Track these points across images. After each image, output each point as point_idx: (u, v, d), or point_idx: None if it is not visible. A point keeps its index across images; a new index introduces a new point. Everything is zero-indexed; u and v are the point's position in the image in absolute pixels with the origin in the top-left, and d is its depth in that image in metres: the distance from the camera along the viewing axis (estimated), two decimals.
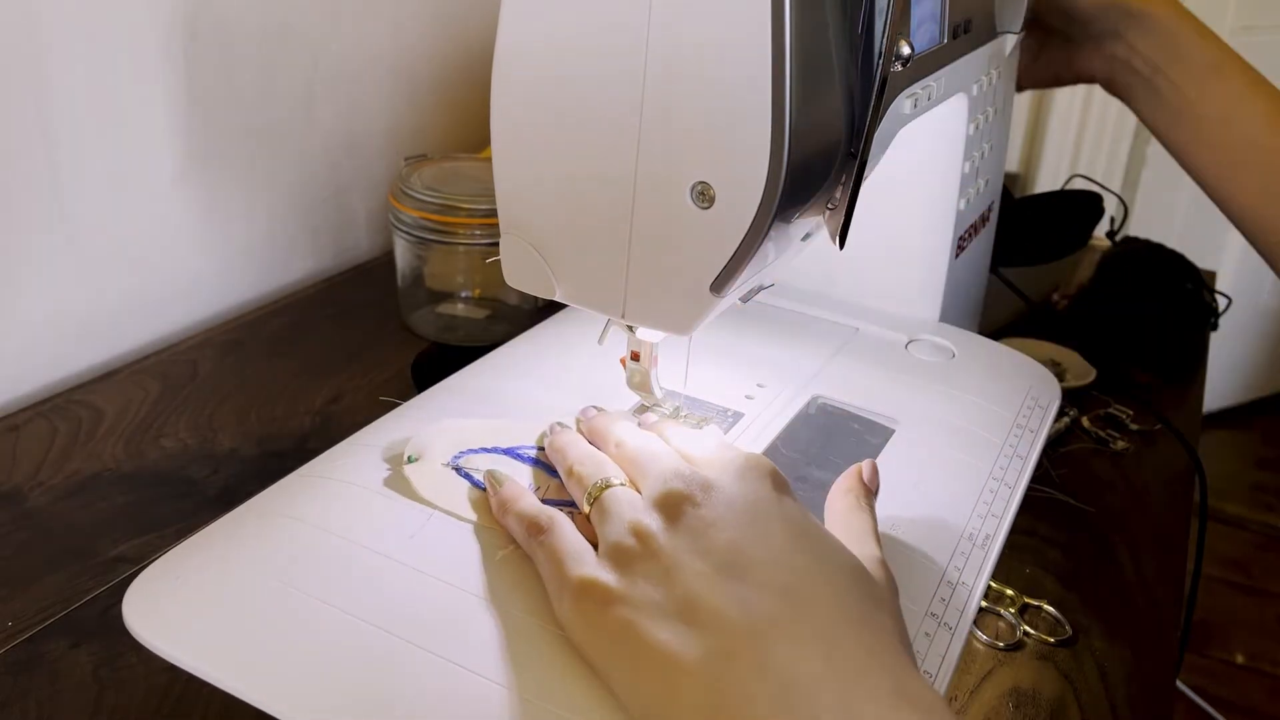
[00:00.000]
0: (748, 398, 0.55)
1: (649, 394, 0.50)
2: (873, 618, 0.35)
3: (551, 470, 0.47)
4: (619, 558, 0.37)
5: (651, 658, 0.34)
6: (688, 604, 0.35)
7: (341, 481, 0.46)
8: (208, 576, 0.41)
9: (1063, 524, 0.56)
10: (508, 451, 0.48)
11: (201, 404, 0.64)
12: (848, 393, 0.56)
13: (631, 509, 0.39)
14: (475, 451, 0.47)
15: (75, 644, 0.44)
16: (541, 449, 0.48)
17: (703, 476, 0.39)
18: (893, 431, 0.53)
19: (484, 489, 0.45)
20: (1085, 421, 0.66)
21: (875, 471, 0.44)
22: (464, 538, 0.43)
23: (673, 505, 0.38)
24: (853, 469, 0.44)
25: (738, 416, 0.53)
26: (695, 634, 0.34)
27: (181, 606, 0.40)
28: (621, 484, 0.41)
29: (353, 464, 0.48)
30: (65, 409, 0.63)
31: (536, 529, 0.40)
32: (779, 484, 0.40)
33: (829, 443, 0.52)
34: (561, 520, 0.40)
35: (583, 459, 0.44)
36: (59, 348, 0.68)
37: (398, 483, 0.45)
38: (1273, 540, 1.86)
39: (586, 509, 0.41)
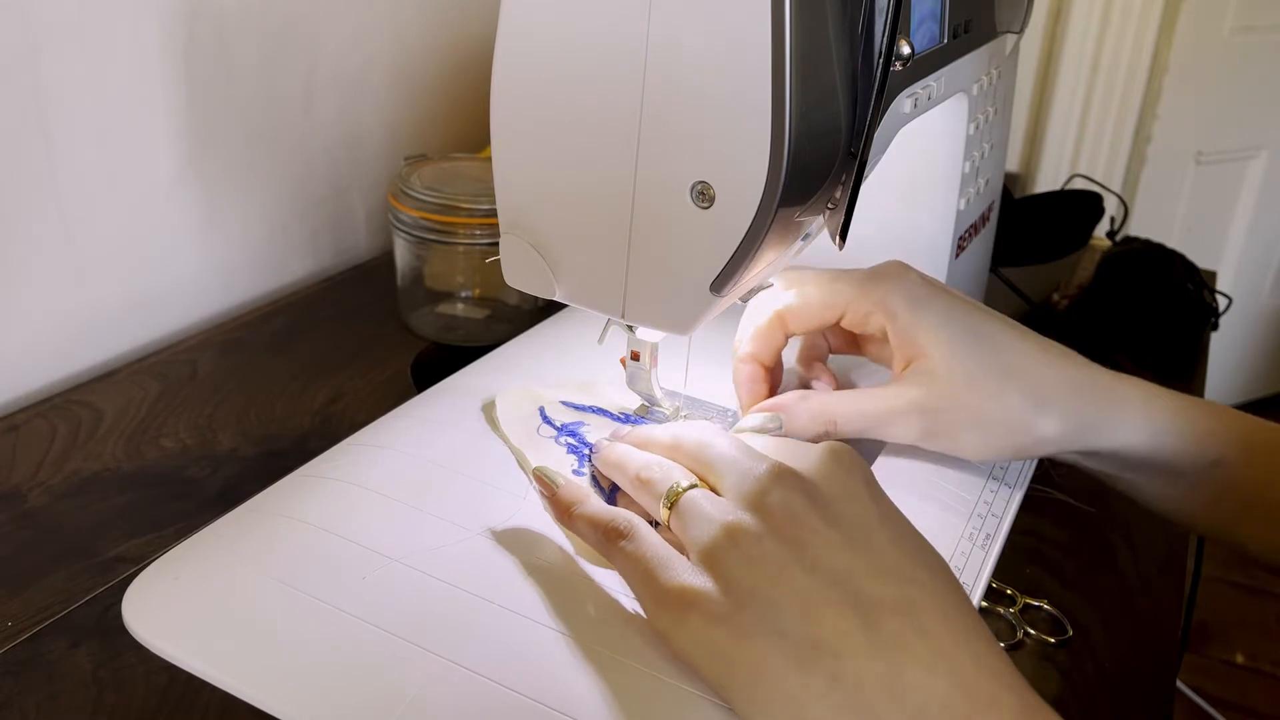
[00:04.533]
0: None
1: (649, 394, 0.50)
2: (973, 620, 0.34)
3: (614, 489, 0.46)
4: (718, 564, 0.35)
5: (777, 679, 0.33)
6: (808, 623, 0.33)
7: (341, 481, 0.46)
8: (207, 576, 0.41)
9: (1063, 524, 0.56)
10: (597, 411, 0.50)
11: (201, 404, 0.64)
12: None
13: (720, 510, 0.37)
14: (567, 405, 0.50)
15: (75, 644, 0.44)
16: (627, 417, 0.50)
17: (789, 471, 0.37)
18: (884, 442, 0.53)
19: (553, 426, 0.48)
20: None
21: None
22: (464, 538, 0.43)
23: (767, 505, 0.36)
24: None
25: (737, 416, 0.53)
26: (821, 655, 0.33)
27: (181, 606, 0.40)
28: (694, 485, 0.39)
29: (353, 464, 0.48)
30: (65, 409, 0.63)
31: (615, 534, 0.38)
32: (866, 474, 0.38)
33: None
34: (640, 523, 0.38)
35: (648, 465, 0.41)
36: (59, 348, 0.68)
37: (489, 411, 0.49)
38: None
39: (664, 515, 0.39)
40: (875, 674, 0.32)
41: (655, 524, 0.40)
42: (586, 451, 0.48)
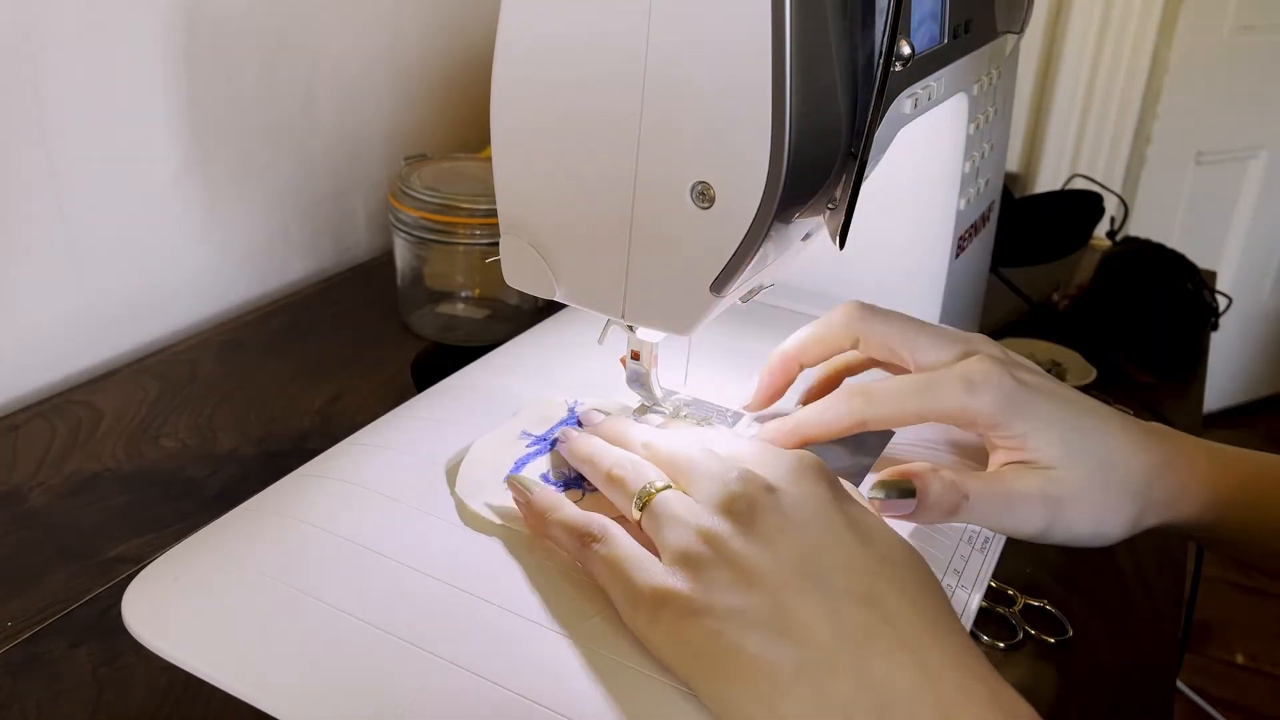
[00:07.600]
0: None
1: (649, 394, 0.50)
2: (944, 614, 0.35)
3: (575, 478, 0.46)
4: (690, 564, 0.36)
5: (745, 670, 0.33)
6: (776, 614, 0.34)
7: (341, 481, 0.46)
8: (207, 576, 0.41)
9: None
10: (540, 441, 0.48)
11: (201, 404, 0.64)
12: None
13: (692, 513, 0.38)
14: (522, 463, 0.47)
15: (75, 644, 0.44)
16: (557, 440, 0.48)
17: (759, 477, 0.38)
18: (893, 432, 0.53)
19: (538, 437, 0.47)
20: None
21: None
22: (464, 539, 0.43)
23: (737, 508, 0.37)
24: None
25: (738, 417, 0.53)
26: (788, 645, 0.33)
27: (181, 606, 0.40)
28: (668, 487, 0.40)
29: (353, 464, 0.48)
30: (65, 409, 0.63)
31: (589, 537, 0.39)
32: (832, 481, 0.39)
33: (829, 443, 0.52)
34: (614, 527, 0.39)
35: (620, 463, 0.42)
36: (59, 348, 0.68)
37: (474, 520, 0.44)
38: None
39: (636, 515, 0.40)
40: (842, 663, 0.33)
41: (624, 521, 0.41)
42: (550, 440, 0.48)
